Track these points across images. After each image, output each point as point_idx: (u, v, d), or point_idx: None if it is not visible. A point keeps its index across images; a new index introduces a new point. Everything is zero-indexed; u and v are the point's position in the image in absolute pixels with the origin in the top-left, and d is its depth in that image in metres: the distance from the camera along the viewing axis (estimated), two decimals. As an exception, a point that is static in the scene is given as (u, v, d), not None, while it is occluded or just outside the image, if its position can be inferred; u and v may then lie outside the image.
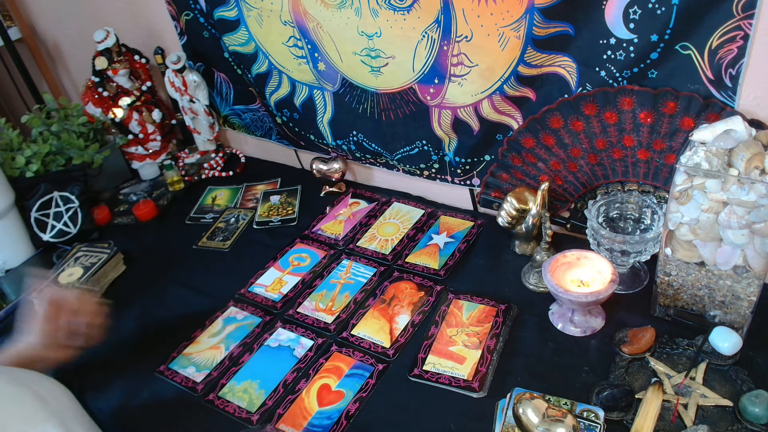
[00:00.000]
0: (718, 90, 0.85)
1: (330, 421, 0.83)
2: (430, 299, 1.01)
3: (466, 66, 1.01)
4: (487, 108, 1.05)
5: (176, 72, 1.38)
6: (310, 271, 1.11)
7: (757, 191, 0.73)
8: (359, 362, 0.91)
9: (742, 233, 0.76)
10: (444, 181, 1.23)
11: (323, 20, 1.11)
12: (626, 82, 0.91)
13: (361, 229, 1.21)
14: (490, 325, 0.94)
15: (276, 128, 1.43)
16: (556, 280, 0.88)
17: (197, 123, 1.47)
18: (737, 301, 0.84)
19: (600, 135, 0.97)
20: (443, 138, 1.15)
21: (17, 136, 1.30)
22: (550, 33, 0.91)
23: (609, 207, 1.00)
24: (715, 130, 0.78)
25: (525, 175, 1.09)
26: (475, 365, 0.88)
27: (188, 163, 1.48)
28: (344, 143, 1.31)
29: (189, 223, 1.31)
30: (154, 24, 1.46)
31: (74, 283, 1.07)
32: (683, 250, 0.83)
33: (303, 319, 1.01)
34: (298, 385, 0.89)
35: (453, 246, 1.12)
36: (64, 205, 1.25)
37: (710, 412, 0.77)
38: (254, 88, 1.36)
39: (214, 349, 0.97)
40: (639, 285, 0.98)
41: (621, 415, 0.76)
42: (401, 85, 1.11)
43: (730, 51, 0.81)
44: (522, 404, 0.72)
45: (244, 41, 1.27)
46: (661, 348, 0.86)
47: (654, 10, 0.82)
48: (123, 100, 1.41)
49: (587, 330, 0.91)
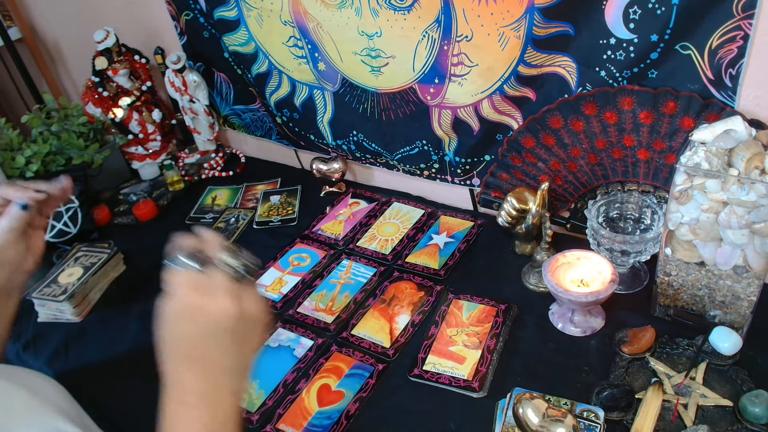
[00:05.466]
0: (718, 90, 0.85)
1: (330, 421, 0.83)
2: (430, 299, 1.01)
3: (466, 66, 1.01)
4: (487, 108, 1.05)
5: (176, 72, 1.38)
6: (310, 271, 1.11)
7: (757, 191, 0.73)
8: (359, 362, 0.91)
9: (742, 233, 0.76)
10: (444, 181, 1.23)
11: (323, 20, 1.11)
12: (626, 82, 0.91)
13: (361, 229, 1.21)
14: (490, 325, 0.94)
15: (276, 128, 1.43)
16: (556, 280, 0.88)
17: (197, 123, 1.47)
18: (737, 301, 0.84)
19: (600, 135, 0.97)
20: (443, 138, 1.15)
21: (17, 136, 1.30)
22: (550, 33, 0.91)
23: (609, 207, 1.00)
24: (715, 130, 0.78)
25: (525, 175, 1.09)
26: (475, 365, 0.88)
27: (188, 163, 1.48)
28: (344, 143, 1.31)
29: (189, 223, 1.31)
30: (154, 24, 1.46)
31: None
32: (683, 250, 0.83)
33: (303, 319, 1.01)
34: (298, 385, 0.89)
35: (453, 246, 1.12)
36: (64, 205, 1.25)
37: (710, 412, 0.77)
38: (254, 88, 1.36)
39: (214, 349, 0.97)
40: (639, 285, 0.98)
41: (621, 415, 0.76)
42: (401, 84, 1.11)
43: (730, 51, 0.81)
44: (522, 404, 0.72)
45: (244, 41, 1.27)
46: (661, 348, 0.86)
47: (654, 10, 0.82)
48: (123, 100, 1.41)
49: (587, 330, 0.91)
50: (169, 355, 0.56)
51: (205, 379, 0.56)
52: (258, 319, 0.59)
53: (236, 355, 0.57)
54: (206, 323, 0.55)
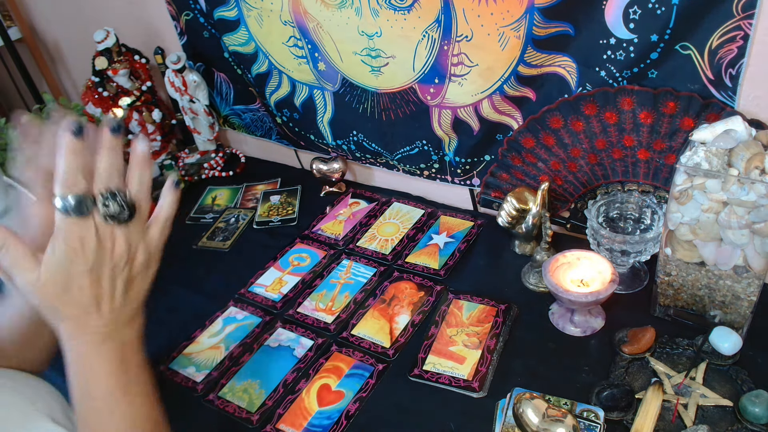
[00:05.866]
0: (718, 90, 0.85)
1: (330, 421, 0.83)
2: (430, 299, 1.01)
3: (466, 66, 1.01)
4: (487, 108, 1.05)
5: (176, 72, 1.38)
6: (310, 271, 1.11)
7: (757, 191, 0.73)
8: (359, 362, 0.91)
9: (742, 233, 0.76)
10: (444, 181, 1.23)
11: (323, 20, 1.11)
12: (626, 82, 0.91)
13: (361, 229, 1.21)
14: (490, 325, 0.94)
15: (276, 128, 1.43)
16: (556, 280, 0.88)
17: (197, 123, 1.47)
18: (737, 301, 0.84)
19: (600, 135, 0.97)
20: (443, 138, 1.15)
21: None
22: (550, 33, 0.91)
23: (609, 207, 1.00)
24: (715, 130, 0.78)
25: (525, 175, 1.09)
26: (475, 365, 0.88)
27: (188, 163, 1.48)
28: (344, 143, 1.31)
29: (189, 223, 1.31)
30: (154, 24, 1.46)
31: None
32: (683, 250, 0.83)
33: (303, 319, 1.01)
34: (298, 385, 0.89)
35: (453, 246, 1.12)
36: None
37: (710, 412, 0.77)
38: (254, 88, 1.36)
39: (214, 349, 0.97)
40: (639, 285, 0.98)
41: (621, 415, 0.76)
42: (401, 84, 1.11)
43: (730, 51, 0.81)
44: (522, 404, 0.72)
45: (244, 41, 1.27)
46: (661, 348, 0.86)
47: (654, 10, 0.82)
48: (123, 100, 1.41)
49: (587, 330, 0.91)
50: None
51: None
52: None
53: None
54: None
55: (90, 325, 0.56)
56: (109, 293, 0.56)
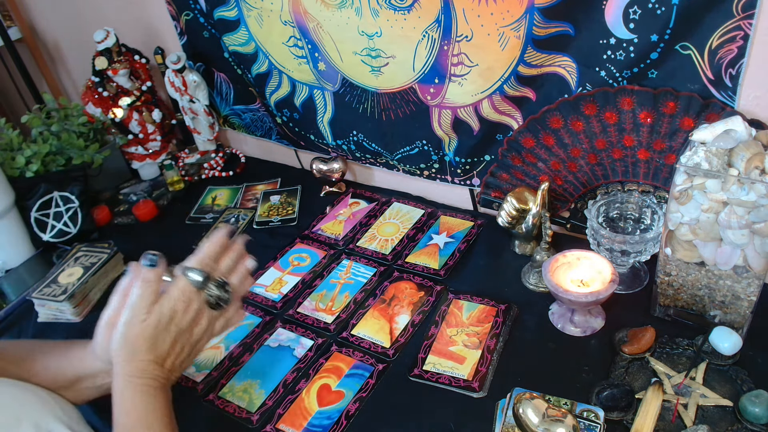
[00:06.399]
0: (718, 90, 0.85)
1: (330, 421, 0.83)
2: (430, 299, 1.01)
3: (466, 66, 1.01)
4: (487, 108, 1.05)
5: (176, 72, 1.38)
6: (310, 271, 1.11)
7: (757, 191, 0.73)
8: (359, 362, 0.91)
9: (742, 233, 0.76)
10: (444, 181, 1.23)
11: (323, 20, 1.11)
12: (626, 82, 0.91)
13: (361, 229, 1.21)
14: (490, 325, 0.94)
15: (276, 128, 1.43)
16: (556, 280, 0.88)
17: (197, 123, 1.47)
18: (737, 301, 0.84)
19: (600, 135, 0.97)
20: (443, 138, 1.15)
21: (17, 136, 1.30)
22: (550, 33, 0.91)
23: (609, 207, 1.00)
24: (715, 130, 0.78)
25: (525, 175, 1.09)
26: (475, 365, 0.88)
27: (188, 163, 1.48)
28: (344, 143, 1.31)
29: (189, 223, 1.31)
30: (154, 24, 1.46)
31: None
32: (683, 250, 0.83)
33: (303, 319, 1.01)
34: (298, 385, 0.89)
35: (453, 246, 1.12)
36: (64, 205, 1.25)
37: (710, 412, 0.77)
38: (254, 88, 1.36)
39: (214, 349, 0.97)
40: (639, 285, 0.98)
41: (621, 415, 0.76)
42: (401, 84, 1.11)
43: (730, 51, 0.81)
44: (522, 404, 0.72)
45: (244, 41, 1.27)
46: (661, 348, 0.86)
47: (654, 10, 0.82)
48: (123, 100, 1.41)
49: (587, 330, 0.91)
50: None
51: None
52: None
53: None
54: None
55: (150, 372, 0.68)
56: (177, 354, 0.70)
